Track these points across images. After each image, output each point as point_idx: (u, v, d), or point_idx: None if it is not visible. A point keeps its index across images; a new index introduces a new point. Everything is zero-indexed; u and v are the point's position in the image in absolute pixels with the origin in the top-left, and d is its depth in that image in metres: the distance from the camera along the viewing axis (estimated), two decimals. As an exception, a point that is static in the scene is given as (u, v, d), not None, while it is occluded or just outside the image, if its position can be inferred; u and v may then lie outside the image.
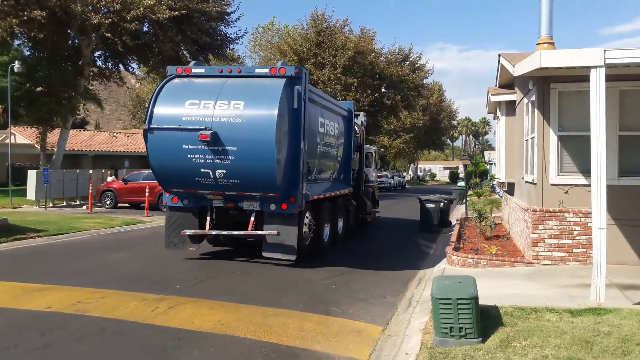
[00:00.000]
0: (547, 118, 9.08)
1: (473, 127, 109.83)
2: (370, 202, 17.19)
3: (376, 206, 18.40)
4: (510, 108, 13.56)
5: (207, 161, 9.34)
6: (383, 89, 39.91)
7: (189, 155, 9.36)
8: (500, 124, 14.70)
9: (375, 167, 18.96)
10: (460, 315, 5.23)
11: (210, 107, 9.33)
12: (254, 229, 10.08)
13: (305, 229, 10.49)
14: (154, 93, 9.91)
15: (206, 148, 9.23)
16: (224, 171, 9.34)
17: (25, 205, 21.98)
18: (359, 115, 16.19)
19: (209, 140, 9.11)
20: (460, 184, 36.25)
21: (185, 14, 24.08)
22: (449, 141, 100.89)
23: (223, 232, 10.46)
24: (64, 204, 23.06)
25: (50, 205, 21.97)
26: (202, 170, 9.43)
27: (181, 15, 23.88)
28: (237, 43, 34.91)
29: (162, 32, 24.41)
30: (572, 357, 4.74)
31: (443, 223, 16.67)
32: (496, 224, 14.32)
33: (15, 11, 22.35)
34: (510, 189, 13.89)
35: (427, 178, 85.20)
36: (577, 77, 8.22)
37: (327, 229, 11.91)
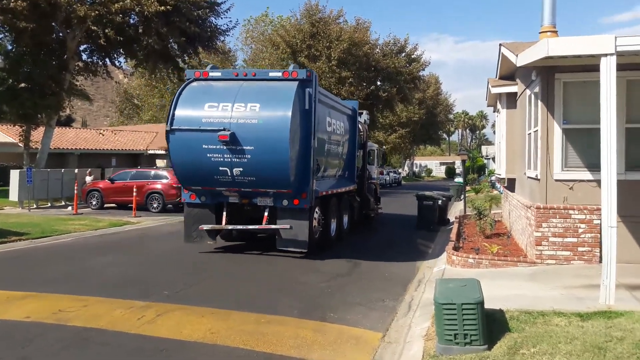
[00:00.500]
0: (551, 110, 8.91)
1: (470, 121, 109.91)
2: (373, 198, 17.54)
3: (378, 202, 18.76)
4: (511, 100, 13.43)
5: (225, 160, 10.25)
6: (378, 82, 39.72)
7: (208, 154, 10.28)
8: (501, 117, 14.57)
9: (377, 165, 19.39)
10: (465, 321, 5.05)
11: (229, 109, 10.26)
12: (267, 223, 10.83)
13: (315, 223, 11.25)
14: (175, 96, 10.79)
15: (224, 148, 10.14)
16: (241, 169, 10.25)
17: (8, 207, 21.60)
18: (362, 113, 16.79)
19: (228, 140, 10.02)
20: (458, 179, 36.20)
21: (174, 5, 23.73)
22: (445, 135, 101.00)
23: (239, 226, 11.27)
24: (48, 205, 22.70)
25: (34, 206, 21.62)
26: (220, 168, 10.34)
27: (170, 9, 23.52)
28: (227, 35, 34.41)
29: (149, 24, 24.03)
30: (584, 366, 4.57)
31: (441, 221, 16.60)
32: (496, 221, 14.24)
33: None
34: (511, 185, 13.76)
35: (423, 174, 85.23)
36: (583, 67, 8.05)
37: (334, 223, 12.67)
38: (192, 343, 5.69)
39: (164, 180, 20.94)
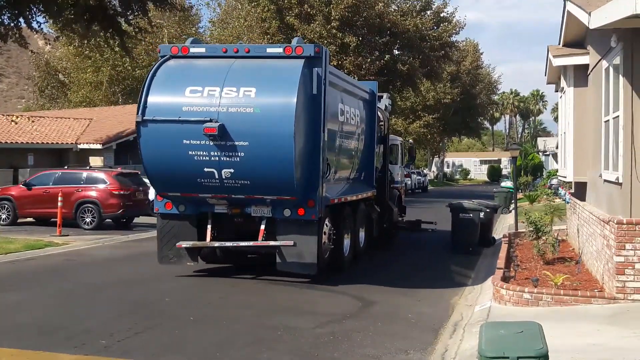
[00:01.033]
0: (637, 89, 8.93)
1: (522, 104, 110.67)
2: (397, 208, 17.76)
3: (403, 213, 19.04)
4: (581, 75, 13.53)
5: (212, 159, 10.63)
6: (396, 50, 39.83)
7: (190, 152, 10.66)
8: (566, 98, 14.65)
9: (401, 164, 19.73)
10: (523, 383, 4.99)
11: (216, 94, 10.65)
12: (264, 239, 11.21)
13: (324, 239, 11.74)
14: (147, 78, 11.08)
15: (211, 143, 10.50)
16: (232, 170, 10.65)
17: None
18: (382, 97, 17.12)
19: (215, 134, 10.36)
20: (506, 184, 36.31)
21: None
22: (487, 124, 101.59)
23: (227, 243, 11.67)
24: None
25: None
26: (205, 169, 10.73)
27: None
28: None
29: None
30: None
31: (484, 240, 16.76)
32: (560, 241, 14.34)
33: None
34: (581, 191, 13.83)
35: (457, 176, 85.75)
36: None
37: (348, 239, 13.12)
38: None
39: (100, 186, 20.86)
